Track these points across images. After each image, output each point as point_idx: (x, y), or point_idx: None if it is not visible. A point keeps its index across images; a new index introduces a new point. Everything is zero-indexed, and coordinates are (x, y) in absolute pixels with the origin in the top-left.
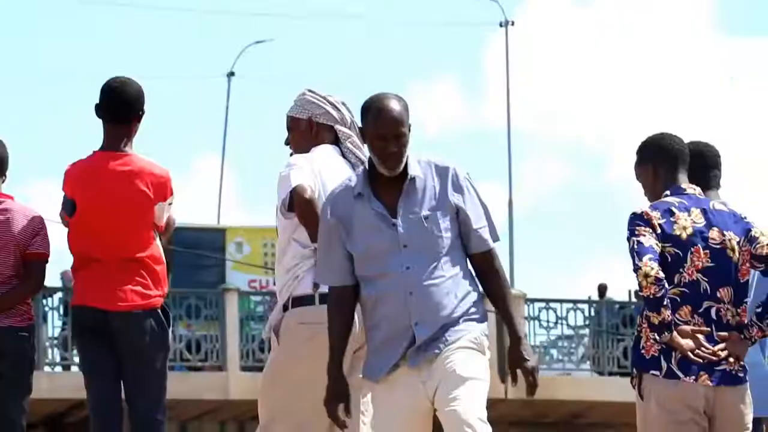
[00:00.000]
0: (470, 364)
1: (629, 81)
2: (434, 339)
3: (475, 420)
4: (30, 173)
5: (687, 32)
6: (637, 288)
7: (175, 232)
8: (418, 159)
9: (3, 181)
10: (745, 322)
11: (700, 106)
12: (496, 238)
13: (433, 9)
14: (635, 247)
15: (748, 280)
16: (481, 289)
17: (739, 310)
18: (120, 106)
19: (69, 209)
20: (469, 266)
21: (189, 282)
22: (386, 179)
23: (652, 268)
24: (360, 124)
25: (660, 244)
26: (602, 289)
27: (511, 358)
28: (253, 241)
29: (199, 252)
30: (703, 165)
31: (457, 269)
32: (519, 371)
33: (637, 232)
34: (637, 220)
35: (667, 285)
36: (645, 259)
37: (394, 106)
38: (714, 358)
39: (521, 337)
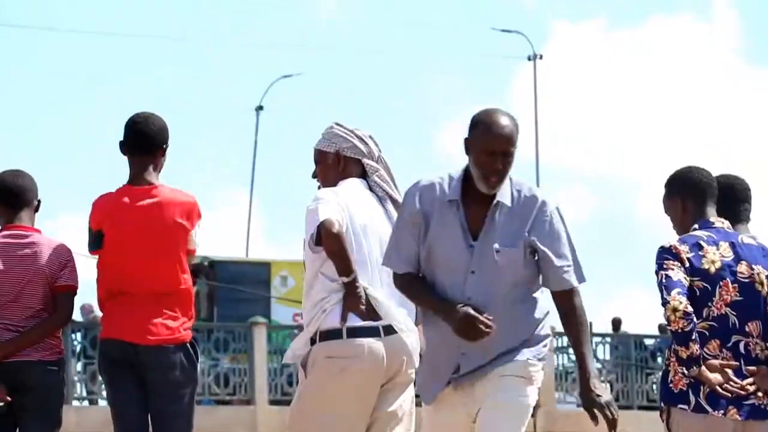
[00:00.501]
0: (511, 391)
1: (657, 113)
2: (480, 366)
3: None
4: (59, 207)
5: (713, 63)
6: (665, 321)
7: (220, 266)
8: (512, 183)
9: (36, 212)
10: None
11: (726, 136)
12: (581, 279)
13: (461, 42)
14: (663, 281)
15: None
16: (545, 325)
17: (767, 344)
18: (142, 138)
19: (92, 243)
20: (539, 302)
21: (234, 316)
22: (476, 196)
23: (681, 302)
24: (467, 135)
25: (688, 278)
26: (616, 323)
27: (584, 400)
28: (298, 275)
29: (237, 287)
30: (733, 198)
31: (520, 305)
32: (595, 410)
33: (665, 266)
34: (666, 254)
35: (695, 319)
36: (673, 293)
37: (506, 122)
38: (742, 392)
39: (589, 377)
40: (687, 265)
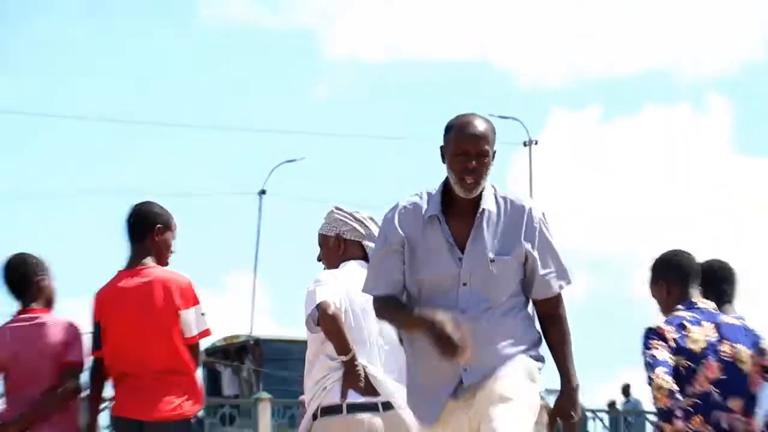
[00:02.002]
0: (514, 388)
1: (652, 199)
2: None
3: None
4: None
5: (706, 152)
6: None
7: (266, 345)
8: (495, 192)
9: (41, 292)
10: (755, 431)
11: (717, 224)
12: (567, 282)
13: None
14: (649, 360)
15: (757, 391)
16: (541, 336)
17: (749, 420)
18: (136, 222)
19: (93, 341)
20: (530, 312)
21: (281, 393)
22: (458, 207)
23: (666, 381)
24: (442, 143)
25: (673, 358)
26: (626, 389)
27: (557, 406)
28: None
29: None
30: (718, 280)
31: (515, 317)
32: (560, 421)
33: (651, 346)
34: (652, 335)
35: (680, 397)
36: (658, 371)
37: (479, 123)
38: None
39: (573, 387)
40: (672, 344)
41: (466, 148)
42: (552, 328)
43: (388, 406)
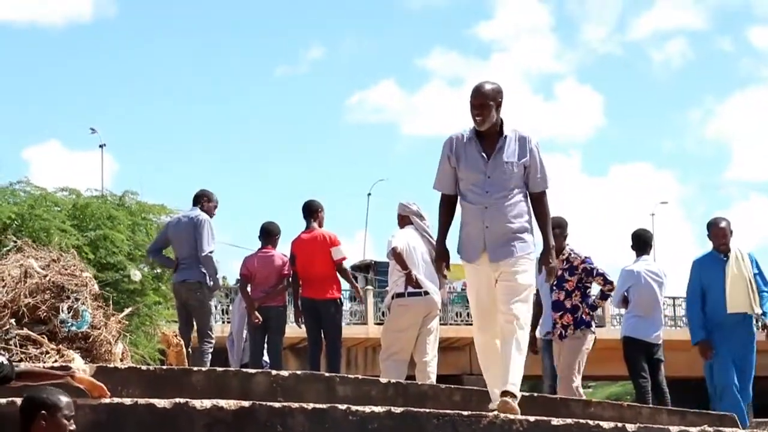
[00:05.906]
0: (522, 271)
1: None
2: (503, 244)
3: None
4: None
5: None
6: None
7: (379, 264)
8: (512, 128)
9: (278, 239)
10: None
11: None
12: (546, 186)
13: None
14: None
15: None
16: (530, 213)
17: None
18: (307, 208)
19: (292, 261)
20: (526, 201)
21: (380, 285)
22: (485, 135)
23: None
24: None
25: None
26: None
27: (541, 257)
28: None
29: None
30: (562, 228)
31: (518, 198)
32: (545, 267)
33: None
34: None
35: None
36: None
37: (483, 86)
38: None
39: (550, 246)
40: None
41: (472, 103)
42: (539, 211)
43: (426, 293)
